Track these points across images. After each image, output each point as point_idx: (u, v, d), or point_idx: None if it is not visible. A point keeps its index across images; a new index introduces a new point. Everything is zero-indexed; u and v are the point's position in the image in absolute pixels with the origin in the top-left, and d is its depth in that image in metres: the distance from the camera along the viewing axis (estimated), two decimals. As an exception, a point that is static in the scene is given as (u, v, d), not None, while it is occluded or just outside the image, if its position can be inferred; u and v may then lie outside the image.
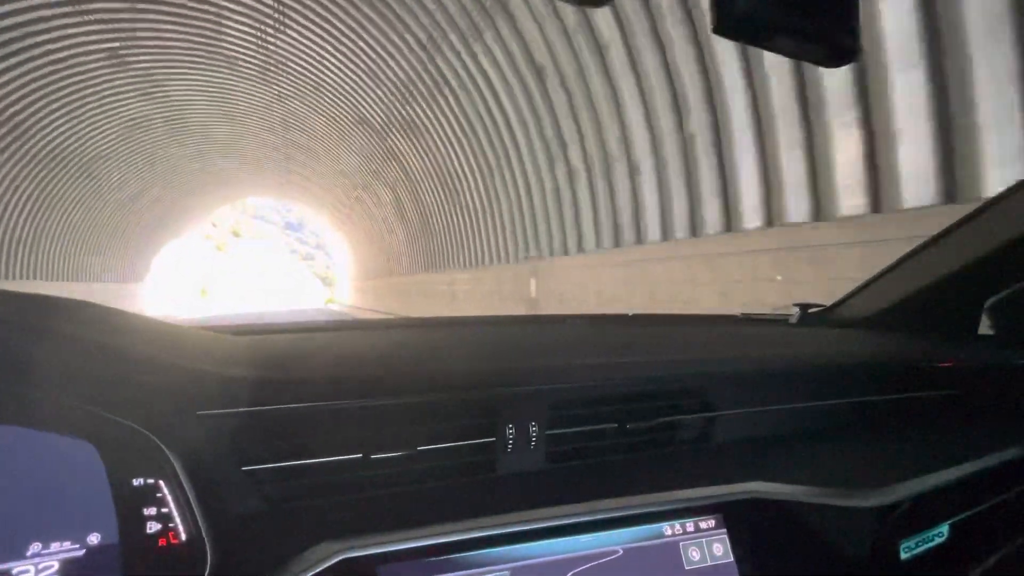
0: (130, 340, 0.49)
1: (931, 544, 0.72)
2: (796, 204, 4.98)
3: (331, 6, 10.42)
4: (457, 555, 0.53)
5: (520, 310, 8.77)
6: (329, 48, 11.59)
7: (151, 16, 11.06)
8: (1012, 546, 0.81)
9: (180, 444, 0.48)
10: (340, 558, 0.48)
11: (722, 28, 0.40)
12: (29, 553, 0.41)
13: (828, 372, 0.83)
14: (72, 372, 0.42)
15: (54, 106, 12.26)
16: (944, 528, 0.74)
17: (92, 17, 10.30)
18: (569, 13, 6.53)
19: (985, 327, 1.15)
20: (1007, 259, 0.95)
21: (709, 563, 0.61)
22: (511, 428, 0.63)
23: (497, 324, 1.16)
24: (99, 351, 0.45)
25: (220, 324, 0.79)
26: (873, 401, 0.91)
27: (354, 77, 11.92)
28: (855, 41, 0.43)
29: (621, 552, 0.58)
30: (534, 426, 0.64)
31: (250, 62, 13.09)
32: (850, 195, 4.56)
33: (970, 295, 1.07)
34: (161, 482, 0.45)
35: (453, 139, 10.42)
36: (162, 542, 0.44)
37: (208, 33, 11.95)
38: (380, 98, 11.84)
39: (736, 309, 1.43)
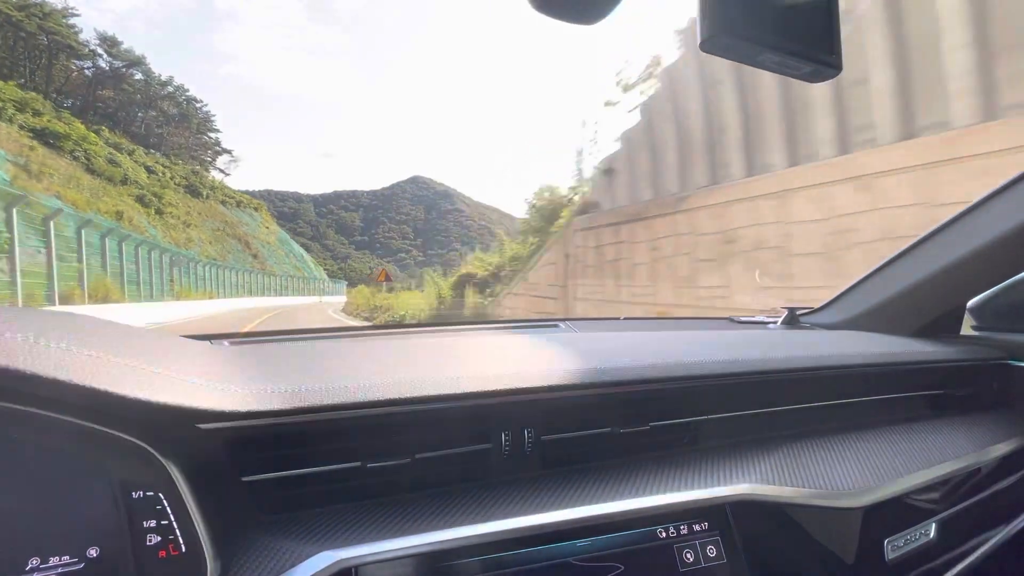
0: (126, 353, 0.49)
1: (917, 543, 0.74)
2: None
3: None
4: (456, 561, 0.54)
5: None
6: None
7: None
8: (997, 542, 0.83)
9: (179, 456, 0.48)
10: (341, 567, 0.49)
11: (709, 46, 0.41)
12: (28, 568, 0.41)
13: (815, 375, 0.85)
14: (69, 387, 0.42)
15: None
16: (931, 527, 0.76)
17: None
18: None
19: (968, 327, 1.18)
20: (988, 260, 0.98)
21: (703, 565, 0.62)
22: (507, 435, 0.64)
23: (489, 329, 1.16)
24: (95, 365, 0.45)
25: (215, 333, 0.79)
26: (860, 402, 0.92)
27: None
28: (836, 58, 0.45)
29: (616, 556, 0.59)
30: (529, 432, 0.65)
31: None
32: None
33: (953, 296, 1.10)
34: (161, 494, 0.46)
35: None
36: (162, 554, 0.45)
37: None
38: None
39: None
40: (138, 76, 54.09)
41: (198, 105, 61.46)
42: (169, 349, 0.57)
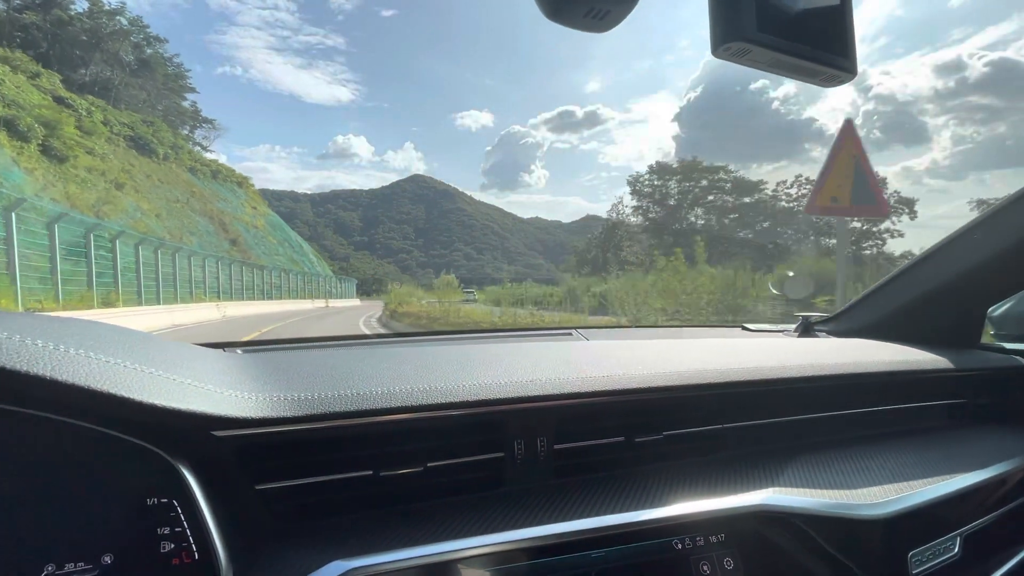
0: (142, 359, 0.49)
1: (941, 558, 0.72)
2: None
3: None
4: (468, 571, 0.53)
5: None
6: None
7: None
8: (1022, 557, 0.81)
9: (194, 464, 0.47)
10: None
11: (723, 52, 0.40)
12: (43, 574, 0.41)
13: (832, 383, 0.84)
14: (86, 392, 0.42)
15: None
16: (955, 540, 0.74)
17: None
18: None
19: (988, 336, 1.16)
20: (1007, 267, 0.96)
21: None
22: (519, 443, 0.63)
23: (502, 337, 1.15)
24: (113, 371, 0.45)
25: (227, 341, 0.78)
26: (878, 411, 0.91)
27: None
28: (851, 63, 0.44)
29: (632, 567, 0.58)
30: (542, 441, 0.64)
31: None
32: None
33: (971, 304, 1.08)
34: (175, 501, 0.45)
35: None
36: (175, 561, 0.44)
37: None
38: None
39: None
40: (77, 6, 34.87)
41: (165, 53, 41.59)
42: (183, 356, 0.56)
